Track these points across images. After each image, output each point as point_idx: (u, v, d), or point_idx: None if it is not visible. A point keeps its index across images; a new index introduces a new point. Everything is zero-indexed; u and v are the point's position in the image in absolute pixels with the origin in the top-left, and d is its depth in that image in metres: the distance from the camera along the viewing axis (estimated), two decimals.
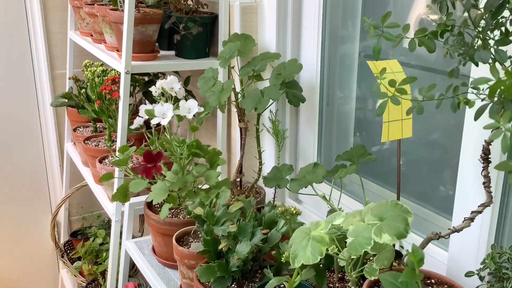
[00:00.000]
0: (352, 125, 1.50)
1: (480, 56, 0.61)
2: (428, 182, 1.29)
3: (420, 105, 0.64)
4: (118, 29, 1.42)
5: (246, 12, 1.46)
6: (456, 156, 1.18)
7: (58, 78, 2.11)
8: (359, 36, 1.42)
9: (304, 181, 1.16)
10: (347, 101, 1.49)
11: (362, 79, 1.43)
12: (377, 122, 1.42)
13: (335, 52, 1.47)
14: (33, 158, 2.22)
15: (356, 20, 1.42)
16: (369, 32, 0.66)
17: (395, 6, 1.33)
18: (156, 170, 1.14)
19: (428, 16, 1.27)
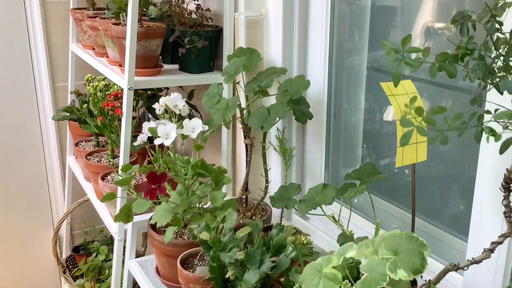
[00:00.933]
0: (360, 137, 1.46)
1: (507, 85, 0.57)
2: (439, 199, 1.26)
3: (444, 135, 0.61)
4: (121, 44, 1.39)
5: (251, 26, 1.43)
6: (469, 170, 1.14)
7: (60, 91, 2.08)
8: (367, 48, 1.39)
9: (313, 203, 1.12)
10: (354, 114, 1.45)
11: (370, 91, 1.40)
12: (385, 134, 1.39)
13: (342, 64, 1.43)
14: (35, 171, 2.19)
15: (364, 31, 1.39)
16: (389, 57, 0.62)
17: (402, 15, 1.30)
18: (160, 191, 1.10)
19: (434, 24, 1.24)
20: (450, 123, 0.61)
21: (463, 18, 0.68)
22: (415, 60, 0.63)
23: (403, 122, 0.61)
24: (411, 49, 0.62)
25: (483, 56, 0.67)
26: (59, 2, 1.97)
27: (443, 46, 1.19)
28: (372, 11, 1.36)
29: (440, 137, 0.61)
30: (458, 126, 0.61)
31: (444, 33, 1.21)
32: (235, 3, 1.44)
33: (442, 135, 0.61)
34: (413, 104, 0.62)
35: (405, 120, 0.61)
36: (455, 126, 0.61)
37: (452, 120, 0.61)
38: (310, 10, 1.40)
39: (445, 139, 0.61)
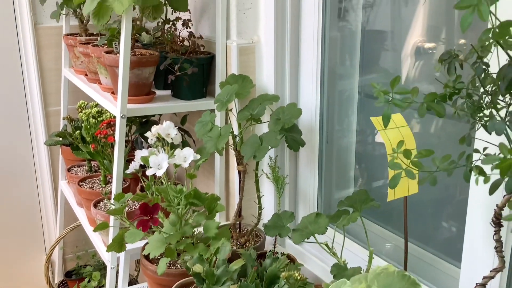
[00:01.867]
0: (353, 160, 1.47)
1: (495, 126, 0.58)
2: (431, 224, 1.26)
3: (433, 176, 0.61)
4: (114, 72, 1.40)
5: (243, 53, 1.44)
6: (461, 193, 1.14)
7: (52, 115, 2.08)
8: (358, 72, 1.40)
9: (306, 232, 1.12)
10: (346, 137, 1.46)
11: (362, 115, 1.41)
12: (377, 156, 1.40)
13: (334, 89, 1.44)
14: (27, 196, 2.18)
15: (355, 55, 1.40)
16: (379, 99, 0.63)
17: (393, 36, 1.31)
18: (153, 222, 1.10)
19: (424, 44, 1.26)
20: (438, 164, 0.62)
21: (450, 57, 0.69)
22: (404, 101, 0.64)
23: (392, 165, 0.61)
24: (400, 91, 0.63)
25: (470, 94, 0.68)
26: (51, 28, 1.98)
27: (431, 64, 1.21)
28: (363, 35, 1.38)
29: (429, 178, 0.62)
30: (446, 167, 0.61)
31: (434, 52, 1.23)
32: (227, 30, 1.45)
33: (431, 176, 0.62)
34: (400, 148, 0.62)
35: (393, 164, 0.62)
36: (444, 167, 0.61)
37: (441, 161, 0.62)
38: (301, 37, 1.42)
39: (434, 180, 0.62)
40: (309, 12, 1.37)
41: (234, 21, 1.42)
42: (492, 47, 0.62)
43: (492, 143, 0.70)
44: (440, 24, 1.20)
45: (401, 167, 0.62)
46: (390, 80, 0.64)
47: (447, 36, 1.18)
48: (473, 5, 0.51)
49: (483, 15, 0.50)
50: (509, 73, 0.56)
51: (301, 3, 1.39)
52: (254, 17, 1.45)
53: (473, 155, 0.65)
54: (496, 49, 0.65)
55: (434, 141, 1.24)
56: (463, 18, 0.52)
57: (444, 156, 0.62)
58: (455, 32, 1.15)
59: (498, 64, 0.65)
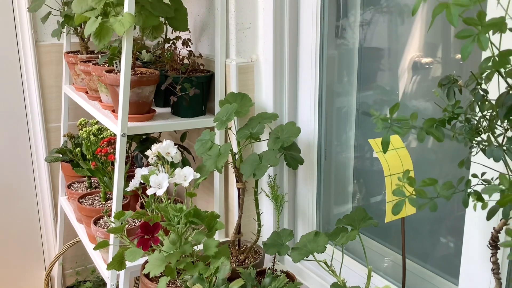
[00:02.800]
0: (351, 175, 1.48)
1: (493, 153, 0.59)
2: (428, 240, 1.27)
3: (434, 202, 0.62)
4: (114, 91, 1.41)
5: (242, 72, 1.45)
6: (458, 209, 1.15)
7: (52, 131, 2.09)
8: (356, 90, 1.42)
9: (305, 250, 1.13)
10: (345, 153, 1.48)
11: (360, 130, 1.43)
12: (375, 172, 1.41)
13: (332, 107, 1.46)
14: (27, 211, 2.18)
15: (353, 74, 1.42)
16: (378, 126, 0.64)
17: (390, 53, 1.33)
18: (153, 241, 1.11)
19: (421, 59, 1.27)
20: (439, 191, 0.63)
21: (450, 82, 0.71)
22: (403, 127, 0.65)
23: (396, 193, 0.62)
24: (398, 118, 0.64)
25: (469, 119, 0.70)
26: (52, 45, 2.00)
27: (429, 82, 1.22)
28: (360, 52, 1.40)
29: (430, 204, 0.63)
30: (446, 194, 0.62)
31: (431, 67, 1.24)
32: (226, 49, 1.47)
33: (431, 202, 0.63)
34: (406, 177, 0.63)
35: (397, 191, 0.63)
36: (444, 193, 0.62)
37: (442, 188, 0.63)
38: (299, 55, 1.43)
39: (434, 206, 0.63)
40: (307, 31, 1.39)
41: (233, 40, 1.44)
42: (493, 76, 0.64)
43: (490, 167, 0.71)
44: (436, 41, 1.22)
45: (404, 194, 0.63)
46: (390, 108, 0.65)
47: (444, 52, 1.20)
48: (474, 35, 0.52)
49: (483, 45, 0.51)
50: (508, 101, 0.57)
51: (299, 22, 1.41)
52: (253, 36, 1.47)
53: (472, 180, 0.66)
54: (496, 76, 0.66)
55: (431, 156, 1.25)
56: (463, 47, 0.53)
57: (445, 183, 0.63)
58: (451, 48, 1.17)
59: (498, 90, 0.67)
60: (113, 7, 1.33)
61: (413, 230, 1.28)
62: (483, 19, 0.51)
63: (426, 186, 0.62)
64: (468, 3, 0.50)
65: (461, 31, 0.53)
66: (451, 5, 0.51)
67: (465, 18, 0.51)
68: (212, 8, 1.55)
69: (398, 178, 0.63)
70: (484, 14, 0.52)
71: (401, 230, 0.92)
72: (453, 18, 0.50)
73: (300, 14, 1.40)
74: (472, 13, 0.57)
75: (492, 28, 0.52)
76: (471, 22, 0.51)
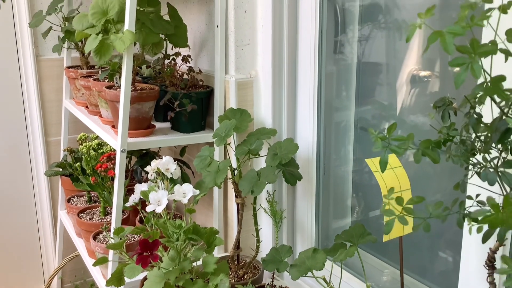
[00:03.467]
0: (350, 189, 1.49)
1: (488, 177, 0.60)
2: (426, 256, 1.27)
3: (427, 223, 0.63)
4: (114, 107, 1.42)
5: (241, 87, 1.47)
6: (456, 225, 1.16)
7: (52, 145, 2.10)
8: (354, 104, 1.43)
9: (304, 267, 1.13)
10: (343, 167, 1.48)
11: (358, 146, 1.43)
12: (374, 186, 1.41)
13: (330, 121, 1.47)
14: (26, 225, 2.18)
15: (351, 89, 1.43)
16: (377, 145, 0.65)
17: (388, 68, 1.34)
18: (152, 258, 1.11)
19: (419, 73, 1.29)
20: (431, 211, 0.64)
21: (444, 105, 0.72)
22: (400, 147, 0.66)
23: (385, 212, 0.63)
24: (396, 138, 0.65)
25: (464, 140, 0.71)
26: (53, 60, 2.01)
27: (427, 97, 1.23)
28: (358, 68, 1.41)
29: (423, 224, 0.64)
30: (439, 213, 0.63)
31: (429, 81, 1.25)
32: (225, 65, 1.48)
33: (424, 223, 0.63)
34: (391, 195, 0.64)
35: (386, 211, 0.63)
36: (437, 214, 0.63)
37: (434, 208, 0.63)
38: (298, 71, 1.45)
39: (427, 226, 0.63)
40: (306, 47, 1.40)
41: (233, 56, 1.46)
42: (485, 99, 0.65)
43: (485, 188, 0.72)
44: (434, 56, 1.23)
45: (394, 213, 0.64)
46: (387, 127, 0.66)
47: (442, 66, 1.21)
48: (467, 63, 0.53)
49: (476, 74, 0.52)
50: (501, 126, 0.58)
51: (298, 38, 1.42)
52: (252, 52, 1.48)
53: (466, 201, 0.67)
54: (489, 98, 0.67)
55: (430, 170, 1.26)
56: (457, 75, 0.54)
57: (437, 203, 0.64)
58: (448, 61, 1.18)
59: (491, 113, 0.68)
60: (113, 24, 1.34)
61: (411, 245, 1.28)
62: (476, 47, 0.52)
63: (414, 203, 0.63)
64: (461, 32, 0.51)
65: (454, 59, 0.54)
66: (446, 34, 0.52)
67: (458, 46, 0.53)
68: (212, 25, 1.57)
69: (384, 196, 0.63)
70: (477, 42, 0.53)
71: (399, 247, 0.92)
72: (448, 46, 0.51)
73: (298, 30, 1.42)
74: (464, 39, 0.58)
75: (484, 55, 0.53)
76: (465, 51, 0.52)
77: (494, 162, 0.65)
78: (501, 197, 0.68)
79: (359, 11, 1.38)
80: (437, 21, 1.17)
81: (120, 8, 1.31)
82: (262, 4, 1.42)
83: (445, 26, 0.54)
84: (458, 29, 0.51)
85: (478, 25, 0.57)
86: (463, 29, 0.51)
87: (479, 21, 0.56)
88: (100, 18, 1.32)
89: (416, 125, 1.28)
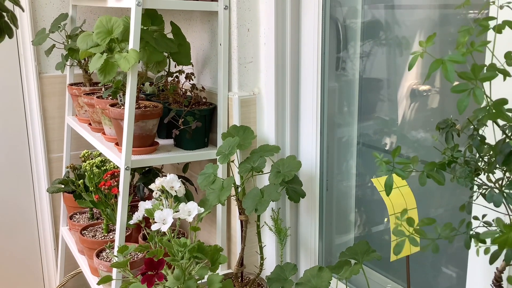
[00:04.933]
0: (353, 204, 1.49)
1: (493, 198, 0.60)
2: (432, 272, 1.27)
3: (436, 244, 0.63)
4: (118, 125, 1.43)
5: (244, 105, 1.47)
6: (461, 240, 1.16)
7: (54, 161, 2.10)
8: (356, 120, 1.44)
9: (309, 286, 1.13)
10: (346, 182, 1.49)
11: (360, 161, 1.44)
12: (377, 201, 1.42)
13: (333, 138, 1.48)
14: (28, 241, 2.18)
15: (353, 104, 1.44)
16: (381, 168, 0.65)
17: (389, 83, 1.35)
18: (158, 278, 1.11)
19: (418, 87, 1.30)
20: (440, 232, 0.64)
21: (447, 126, 0.72)
22: (404, 170, 0.67)
23: (395, 232, 0.64)
24: (400, 161, 0.66)
25: (468, 161, 0.71)
26: (55, 77, 2.02)
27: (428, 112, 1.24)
28: (360, 83, 1.42)
29: (432, 245, 0.64)
30: (447, 235, 0.64)
31: (429, 95, 1.26)
32: (229, 83, 1.49)
33: (433, 244, 0.64)
34: (404, 216, 0.64)
35: (397, 231, 0.64)
36: (445, 235, 0.64)
37: (442, 229, 0.64)
38: (301, 88, 1.46)
39: (436, 247, 0.64)
40: (308, 64, 1.41)
41: (236, 74, 1.47)
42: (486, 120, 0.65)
43: (491, 208, 0.72)
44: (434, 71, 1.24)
45: (404, 234, 0.64)
46: (392, 151, 0.67)
47: (442, 81, 1.22)
48: (469, 89, 0.54)
49: (478, 100, 0.53)
50: (505, 149, 0.59)
51: (300, 55, 1.44)
52: (255, 70, 1.49)
53: (473, 222, 0.67)
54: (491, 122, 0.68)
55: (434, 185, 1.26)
56: (459, 101, 0.55)
57: (445, 224, 0.64)
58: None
59: (494, 134, 0.68)
60: (117, 43, 1.35)
61: (416, 262, 1.28)
62: (478, 73, 0.53)
63: (425, 225, 0.64)
64: (462, 60, 0.52)
65: (456, 85, 0.55)
66: (447, 61, 0.53)
67: (460, 72, 0.53)
68: (215, 42, 1.58)
69: (397, 218, 0.64)
70: (478, 67, 0.54)
71: (406, 266, 0.92)
72: (449, 74, 0.52)
73: (301, 47, 1.43)
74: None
75: (486, 80, 0.54)
76: (466, 77, 0.53)
77: (499, 183, 0.66)
78: (506, 217, 0.69)
79: (360, 28, 1.40)
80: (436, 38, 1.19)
81: (124, 28, 1.32)
82: (265, 22, 1.43)
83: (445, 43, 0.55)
84: (458, 57, 0.52)
85: (477, 50, 0.58)
86: (463, 56, 0.52)
87: (478, 47, 0.57)
88: (105, 38, 1.33)
89: (418, 140, 1.29)
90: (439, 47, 1.20)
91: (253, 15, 1.45)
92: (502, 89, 0.72)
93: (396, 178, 0.94)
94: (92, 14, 2.09)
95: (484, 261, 0.89)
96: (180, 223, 1.26)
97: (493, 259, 0.60)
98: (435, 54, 1.18)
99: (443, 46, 1.18)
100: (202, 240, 1.34)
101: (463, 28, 0.56)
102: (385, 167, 0.66)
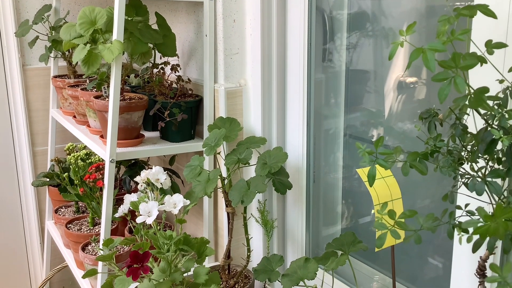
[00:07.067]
0: (340, 196, 1.49)
1: (475, 187, 0.60)
2: (418, 263, 1.28)
3: (418, 235, 0.63)
4: (103, 117, 1.41)
5: (230, 97, 1.47)
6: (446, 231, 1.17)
7: (39, 155, 2.08)
8: (343, 111, 1.44)
9: (296, 277, 1.13)
10: (333, 174, 1.49)
11: (347, 152, 1.44)
12: (363, 192, 1.42)
13: (320, 129, 1.47)
14: (13, 236, 2.15)
15: (340, 96, 1.44)
16: (364, 159, 0.65)
17: (375, 75, 1.35)
18: (143, 270, 1.10)
19: (405, 79, 1.30)
20: (422, 223, 0.64)
21: (430, 116, 0.72)
22: (387, 161, 0.67)
23: (377, 226, 0.64)
24: (383, 152, 0.65)
25: (451, 151, 0.71)
26: (39, 69, 1.99)
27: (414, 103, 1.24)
28: (347, 75, 1.42)
29: (414, 236, 0.64)
30: (430, 225, 0.63)
31: (416, 87, 1.27)
32: (215, 75, 1.48)
33: (415, 235, 0.64)
34: (385, 209, 0.64)
35: (378, 224, 0.64)
36: (428, 226, 0.64)
37: (425, 220, 0.64)
38: (287, 79, 1.45)
39: (418, 238, 0.64)
40: (295, 55, 1.41)
41: (222, 65, 1.46)
42: (467, 109, 0.65)
43: (474, 197, 0.72)
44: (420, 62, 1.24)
45: (386, 227, 0.64)
46: (374, 141, 0.67)
47: (428, 72, 1.22)
48: (450, 77, 0.54)
49: (459, 88, 0.53)
50: (487, 137, 0.59)
51: (287, 47, 1.43)
52: (241, 61, 1.48)
53: (456, 211, 0.67)
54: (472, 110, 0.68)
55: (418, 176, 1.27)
56: (440, 89, 0.55)
57: (427, 215, 0.64)
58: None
59: (474, 123, 0.68)
60: (101, 34, 1.33)
61: (402, 252, 1.29)
62: (458, 61, 0.53)
63: (406, 217, 0.64)
64: (442, 48, 0.51)
65: (437, 74, 0.54)
66: (427, 50, 0.52)
67: (440, 61, 0.53)
68: (201, 34, 1.57)
69: (377, 211, 0.64)
70: (458, 56, 0.54)
71: (391, 256, 0.93)
72: (430, 63, 0.51)
73: (287, 38, 1.42)
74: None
75: (467, 69, 0.54)
76: (446, 65, 0.53)
77: (482, 172, 0.66)
78: (489, 206, 0.69)
79: (347, 19, 1.39)
80: (423, 28, 1.19)
81: (108, 18, 1.30)
82: (251, 13, 1.42)
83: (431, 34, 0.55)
84: (439, 46, 0.52)
85: (458, 39, 0.58)
86: (443, 45, 0.52)
87: (459, 36, 0.57)
88: (88, 28, 1.31)
89: (405, 132, 1.29)
90: (425, 38, 1.20)
91: (239, 6, 1.44)
92: (478, 72, 0.72)
93: (381, 169, 0.94)
94: (76, 5, 2.06)
95: (468, 250, 0.90)
96: (166, 215, 1.26)
97: (476, 247, 0.60)
98: (421, 45, 1.18)
99: (430, 37, 1.18)
100: (189, 232, 1.33)
101: (443, 18, 0.56)
102: (368, 158, 0.66)
